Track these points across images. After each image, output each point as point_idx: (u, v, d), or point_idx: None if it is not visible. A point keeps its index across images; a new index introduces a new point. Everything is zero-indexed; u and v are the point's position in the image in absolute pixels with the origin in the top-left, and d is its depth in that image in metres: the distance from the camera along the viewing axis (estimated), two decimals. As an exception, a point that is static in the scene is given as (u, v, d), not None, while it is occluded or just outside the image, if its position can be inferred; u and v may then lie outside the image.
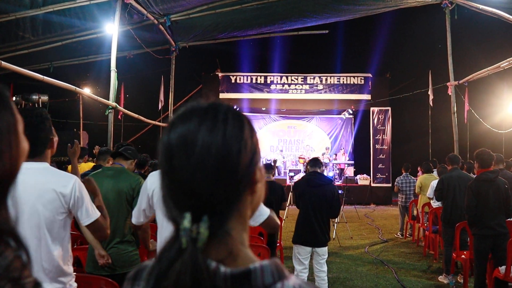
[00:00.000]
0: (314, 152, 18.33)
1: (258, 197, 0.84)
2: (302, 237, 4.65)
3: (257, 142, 0.82)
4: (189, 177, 0.73)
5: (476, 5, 8.53)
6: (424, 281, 6.19)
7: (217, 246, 0.74)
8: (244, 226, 0.80)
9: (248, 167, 0.77)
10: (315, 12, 8.82)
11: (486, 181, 5.00)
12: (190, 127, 0.75)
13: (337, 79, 16.75)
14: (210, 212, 0.72)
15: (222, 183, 0.73)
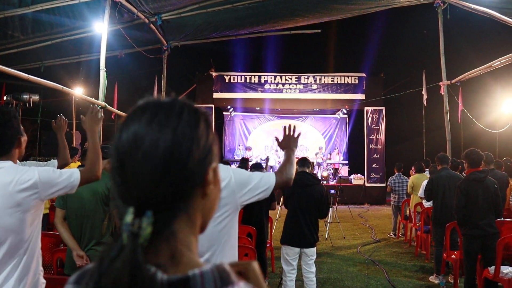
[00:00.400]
0: (308, 152, 18.33)
1: (211, 202, 0.80)
2: (290, 238, 4.61)
3: (213, 141, 0.78)
4: (134, 171, 0.70)
5: (468, 5, 8.52)
6: (415, 281, 6.16)
7: (160, 248, 0.70)
8: (192, 230, 0.76)
9: (199, 166, 0.74)
10: (307, 11, 8.78)
11: (475, 181, 4.98)
12: (142, 121, 0.73)
13: (331, 79, 16.72)
14: (154, 209, 0.69)
15: (167, 179, 0.70)
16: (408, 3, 9.56)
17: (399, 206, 9.39)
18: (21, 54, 8.92)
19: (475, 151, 5.35)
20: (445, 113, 9.59)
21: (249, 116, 19.08)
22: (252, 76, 16.86)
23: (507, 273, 4.67)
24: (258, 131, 19.19)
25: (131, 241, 0.66)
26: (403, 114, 17.09)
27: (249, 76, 16.86)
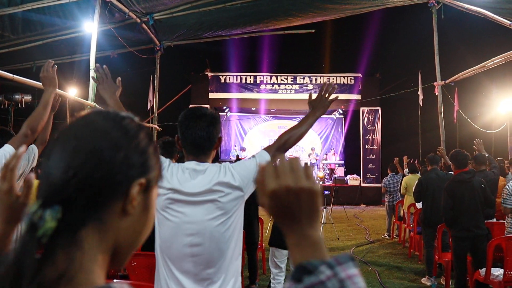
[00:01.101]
0: (304, 153, 18.28)
1: (133, 228, 0.72)
2: (278, 240, 4.55)
3: (148, 157, 0.73)
4: (51, 163, 0.67)
5: (462, 5, 8.47)
6: (407, 283, 6.11)
7: (56, 260, 0.63)
8: (101, 247, 0.68)
9: (120, 174, 0.68)
10: (300, 11, 8.71)
11: (461, 182, 4.94)
12: (81, 122, 0.72)
13: (327, 79, 16.66)
14: (64, 206, 0.63)
15: (79, 176, 0.65)
16: (402, 3, 9.51)
17: (394, 207, 9.34)
18: (12, 54, 8.84)
19: (461, 151, 5.31)
20: (439, 113, 9.53)
21: (245, 116, 19.02)
22: (247, 77, 16.81)
23: (498, 275, 4.62)
24: (254, 132, 19.14)
25: (29, 232, 0.61)
26: (399, 114, 17.06)
27: (245, 76, 16.81)
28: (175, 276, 1.77)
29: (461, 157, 5.10)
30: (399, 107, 16.72)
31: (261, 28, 9.89)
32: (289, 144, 2.01)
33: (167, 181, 1.80)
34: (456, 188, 4.95)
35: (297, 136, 2.03)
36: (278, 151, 1.97)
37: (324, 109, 2.12)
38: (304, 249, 0.71)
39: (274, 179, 0.72)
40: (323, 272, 0.63)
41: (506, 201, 4.98)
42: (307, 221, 0.72)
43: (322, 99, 2.12)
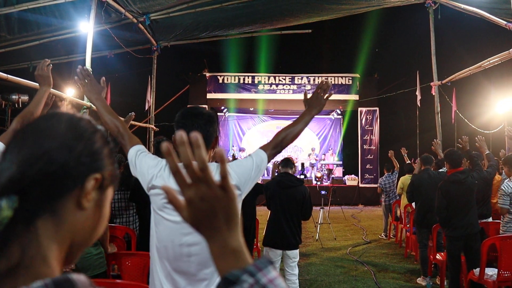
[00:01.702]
0: (302, 153, 18.29)
1: (87, 223, 0.74)
2: (272, 240, 4.55)
3: (101, 157, 0.76)
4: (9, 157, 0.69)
5: (459, 5, 8.47)
6: (402, 283, 6.11)
7: (10, 251, 0.64)
8: (57, 239, 0.69)
9: (75, 166, 0.71)
10: (296, 11, 8.71)
11: (456, 182, 4.93)
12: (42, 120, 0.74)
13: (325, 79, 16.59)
14: (20, 196, 0.65)
15: (35, 167, 0.67)
16: (399, 3, 9.51)
17: (390, 207, 9.34)
18: (8, 54, 8.84)
19: (455, 151, 5.30)
20: (436, 113, 9.55)
21: (243, 117, 19.02)
22: (245, 77, 16.81)
23: (492, 275, 4.62)
24: (252, 132, 19.14)
25: None
26: (397, 114, 17.05)
27: (243, 76, 16.81)
28: (171, 277, 1.76)
29: (456, 156, 5.09)
30: (397, 108, 16.72)
31: (257, 28, 9.88)
32: (285, 143, 2.01)
33: (163, 181, 1.80)
34: (451, 188, 4.94)
35: (294, 135, 2.03)
36: (275, 149, 1.97)
37: (320, 108, 2.13)
38: (226, 258, 0.69)
39: (187, 188, 0.68)
40: (245, 281, 0.64)
41: (501, 201, 4.97)
42: (226, 228, 0.69)
43: (318, 98, 2.12)
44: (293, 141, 2.07)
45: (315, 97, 2.12)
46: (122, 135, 2.06)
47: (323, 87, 2.12)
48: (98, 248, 3.46)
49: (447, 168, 5.22)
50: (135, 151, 1.97)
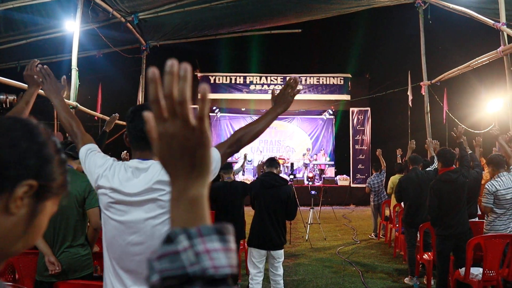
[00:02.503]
0: (294, 153, 18.28)
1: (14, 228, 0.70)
2: (256, 240, 4.51)
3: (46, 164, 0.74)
4: None
5: (448, 4, 8.48)
6: (390, 283, 6.09)
7: None
8: None
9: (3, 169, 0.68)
10: (286, 11, 8.69)
11: (447, 181, 4.91)
12: None
13: (317, 80, 16.67)
14: None
15: None
16: (388, 3, 9.52)
17: (379, 207, 9.33)
18: (-5, 54, 8.78)
19: (448, 150, 5.29)
20: (425, 113, 9.56)
21: (235, 117, 18.97)
22: (237, 77, 16.76)
23: (477, 275, 4.61)
24: (244, 132, 19.08)
25: None
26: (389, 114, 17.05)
27: (234, 76, 16.76)
28: (119, 275, 1.74)
29: (449, 155, 5.07)
30: (389, 108, 16.73)
31: (247, 28, 9.84)
32: (243, 142, 1.90)
33: (107, 181, 1.77)
34: (443, 187, 4.92)
35: (253, 133, 1.93)
36: (230, 148, 1.87)
37: (286, 105, 2.05)
38: (180, 206, 0.64)
39: (162, 122, 0.63)
40: (180, 242, 0.57)
41: (485, 200, 4.97)
42: (190, 173, 0.64)
43: (285, 95, 2.05)
44: (252, 140, 1.97)
45: (282, 94, 2.04)
46: (75, 134, 2.07)
47: (291, 84, 2.02)
48: (86, 249, 3.42)
49: (439, 167, 5.20)
50: (85, 150, 1.96)
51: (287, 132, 19.00)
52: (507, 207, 4.92)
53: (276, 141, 18.98)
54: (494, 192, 4.89)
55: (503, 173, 5.02)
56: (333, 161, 18.06)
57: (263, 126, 1.97)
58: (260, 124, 1.96)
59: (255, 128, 1.94)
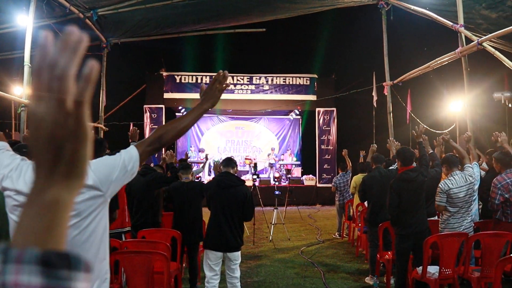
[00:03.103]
0: (261, 153, 18.22)
1: None
2: (212, 242, 4.39)
3: None
4: None
5: (409, 6, 8.58)
6: (351, 282, 6.08)
7: None
8: None
9: None
10: (249, 10, 8.61)
11: (406, 180, 4.92)
12: None
13: (283, 80, 16.69)
14: None
15: None
16: (352, 4, 9.56)
17: (344, 206, 9.36)
18: None
19: (407, 149, 5.31)
20: (388, 113, 9.67)
21: (202, 117, 18.73)
22: (203, 76, 16.59)
23: (434, 273, 4.63)
24: (211, 132, 18.91)
25: None
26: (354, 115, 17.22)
27: (200, 76, 16.59)
28: None
29: (408, 154, 5.08)
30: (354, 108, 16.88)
31: (211, 26, 9.70)
32: (165, 139, 1.77)
33: (11, 182, 1.63)
34: (402, 185, 4.92)
35: (177, 131, 1.80)
36: (151, 146, 1.74)
37: (213, 101, 1.89)
38: (32, 208, 0.51)
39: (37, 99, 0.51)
40: None
41: (438, 198, 5.01)
42: (53, 171, 0.52)
43: (213, 90, 1.91)
44: (177, 138, 1.85)
45: (210, 89, 1.89)
46: None
47: (219, 79, 1.88)
48: None
49: (399, 165, 5.21)
50: None
51: (254, 132, 18.94)
52: (460, 205, 4.98)
53: (243, 141, 18.88)
54: (447, 191, 4.94)
55: (456, 172, 5.08)
56: (300, 161, 18.10)
57: (188, 123, 1.84)
58: (185, 121, 1.83)
59: (179, 125, 1.81)
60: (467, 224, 5.04)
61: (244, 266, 7.00)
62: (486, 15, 8.16)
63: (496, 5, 7.71)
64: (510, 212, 5.15)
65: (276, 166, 17.29)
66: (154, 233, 4.90)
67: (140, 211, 5.46)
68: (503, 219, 5.17)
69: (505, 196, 5.08)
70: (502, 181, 5.14)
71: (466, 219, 5.05)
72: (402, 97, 14.49)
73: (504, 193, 5.09)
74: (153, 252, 3.76)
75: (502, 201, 5.10)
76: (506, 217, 5.16)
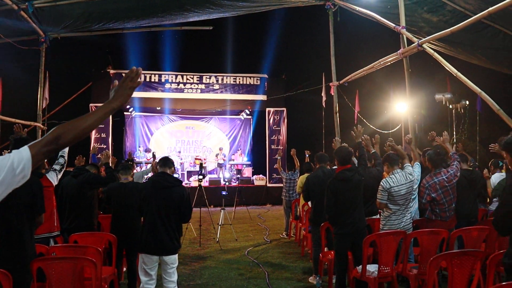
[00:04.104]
0: (211, 153, 18.03)
1: None
2: (147, 245, 4.19)
3: None
4: None
5: (354, 7, 8.67)
6: (294, 282, 6.04)
7: None
8: None
9: None
10: (195, 6, 8.41)
11: (343, 179, 4.92)
12: None
13: (233, 79, 16.59)
14: None
15: None
16: (299, 4, 9.56)
17: (291, 205, 9.36)
18: None
19: (345, 148, 5.34)
20: (334, 113, 9.74)
21: (151, 116, 18.36)
22: (152, 75, 16.22)
23: (373, 272, 4.64)
24: (160, 132, 18.53)
25: None
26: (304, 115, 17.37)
27: (149, 74, 16.20)
28: None
29: (345, 153, 5.09)
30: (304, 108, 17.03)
31: (156, 23, 9.43)
32: (64, 140, 1.56)
33: None
34: (339, 185, 4.92)
35: (78, 131, 1.58)
36: (47, 147, 1.53)
37: (123, 99, 1.70)
38: None
39: None
40: None
41: (379, 196, 5.05)
42: None
43: (123, 87, 1.73)
44: (78, 139, 1.61)
45: (120, 87, 1.71)
46: None
47: (131, 75, 1.73)
48: None
49: (336, 164, 5.22)
50: None
51: (205, 132, 18.72)
52: (401, 203, 5.04)
53: (194, 141, 18.62)
54: (388, 189, 4.99)
55: (397, 170, 5.15)
56: (251, 161, 18.06)
57: (92, 123, 1.63)
58: (89, 120, 1.62)
59: (81, 125, 1.60)
60: (407, 222, 5.11)
61: (188, 268, 6.84)
62: (428, 18, 8.39)
63: (436, 9, 7.93)
64: (438, 210, 5.27)
65: (226, 166, 17.18)
66: (87, 237, 4.65)
67: (73, 214, 5.19)
68: (433, 218, 5.29)
69: (432, 195, 5.20)
70: (430, 181, 5.27)
71: (405, 216, 5.12)
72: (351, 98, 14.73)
73: (431, 192, 5.21)
74: (80, 258, 3.53)
75: (429, 200, 5.22)
76: (436, 216, 5.29)
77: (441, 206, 5.25)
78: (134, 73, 1.70)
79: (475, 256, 3.65)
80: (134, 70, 1.72)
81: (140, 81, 1.72)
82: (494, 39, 8.14)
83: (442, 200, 5.23)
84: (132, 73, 1.71)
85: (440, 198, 5.22)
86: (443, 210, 5.27)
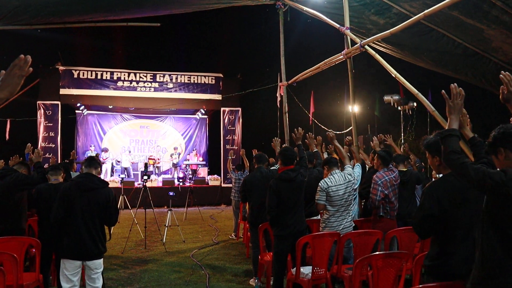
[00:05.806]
0: (166, 153, 17.75)
1: None
2: (69, 250, 3.98)
3: None
4: None
5: (302, 7, 8.68)
6: (235, 285, 5.94)
7: None
8: None
9: None
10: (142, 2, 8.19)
11: (286, 180, 4.86)
12: None
13: (188, 78, 16.37)
14: None
15: None
16: (249, 3, 9.49)
17: (239, 206, 9.28)
18: None
19: (289, 148, 5.29)
20: (284, 113, 9.74)
21: (105, 115, 17.88)
22: (103, 72, 15.78)
23: (308, 274, 4.60)
24: (114, 131, 18.07)
25: None
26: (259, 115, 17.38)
27: (100, 72, 15.76)
28: None
29: (289, 153, 5.04)
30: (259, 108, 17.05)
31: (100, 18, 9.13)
32: None
33: None
34: (281, 185, 4.85)
35: None
36: None
37: (11, 88, 1.61)
38: None
39: None
40: None
41: (318, 197, 5.03)
42: None
43: (11, 76, 1.63)
44: None
45: (8, 75, 1.63)
46: None
47: (19, 64, 1.64)
48: None
49: (280, 164, 5.15)
50: None
51: (159, 132, 18.40)
52: (340, 204, 5.03)
53: (148, 141, 18.27)
54: (326, 189, 4.98)
55: (335, 171, 5.14)
56: (206, 161, 17.89)
57: None
58: None
59: None
60: (347, 223, 5.11)
61: (128, 272, 6.63)
62: (375, 21, 8.48)
63: (383, 12, 8.02)
64: (389, 208, 5.31)
65: (181, 166, 16.95)
66: (6, 242, 4.39)
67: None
68: (384, 216, 5.31)
69: (385, 192, 5.23)
70: (381, 178, 5.29)
71: (346, 218, 5.11)
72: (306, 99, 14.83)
73: (384, 189, 5.23)
74: None
75: (383, 197, 5.24)
76: (386, 213, 5.31)
77: (391, 205, 5.29)
78: (22, 61, 1.62)
79: (400, 258, 3.65)
80: (23, 58, 1.64)
81: (29, 69, 1.63)
82: (438, 42, 8.32)
83: (392, 198, 5.27)
84: (21, 61, 1.62)
85: (391, 196, 5.26)
86: (392, 209, 5.31)
